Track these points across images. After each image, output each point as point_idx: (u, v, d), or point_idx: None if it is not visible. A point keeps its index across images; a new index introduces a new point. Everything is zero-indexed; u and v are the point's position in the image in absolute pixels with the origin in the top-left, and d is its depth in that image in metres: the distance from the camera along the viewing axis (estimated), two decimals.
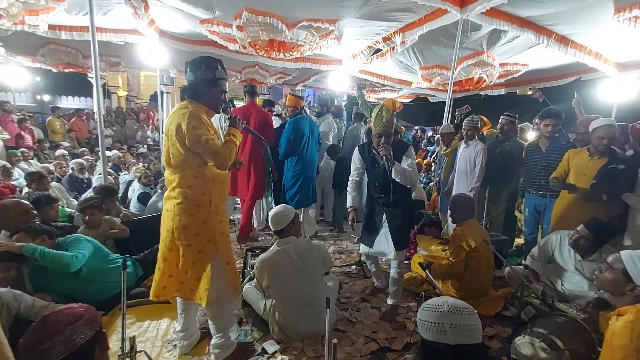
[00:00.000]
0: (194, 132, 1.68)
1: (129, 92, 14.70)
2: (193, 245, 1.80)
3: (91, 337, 1.07)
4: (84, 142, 8.03)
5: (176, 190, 1.79)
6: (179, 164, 1.76)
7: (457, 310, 0.95)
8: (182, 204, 1.77)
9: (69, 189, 4.35)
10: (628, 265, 1.47)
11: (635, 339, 1.33)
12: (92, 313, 1.14)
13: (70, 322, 1.06)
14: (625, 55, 4.06)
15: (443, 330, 0.92)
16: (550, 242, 2.67)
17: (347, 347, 2.18)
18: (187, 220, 1.77)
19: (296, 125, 3.79)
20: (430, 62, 5.08)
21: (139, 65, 6.58)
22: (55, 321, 1.06)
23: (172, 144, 1.74)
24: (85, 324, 1.08)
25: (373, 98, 9.51)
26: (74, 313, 1.10)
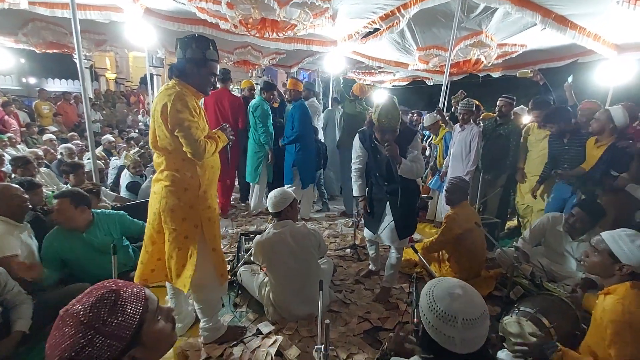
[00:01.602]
0: (177, 115, 1.61)
1: (117, 75, 14.28)
2: (179, 230, 1.76)
3: (137, 321, 0.77)
4: (72, 126, 7.84)
5: (164, 173, 1.74)
6: (165, 147, 1.70)
7: (470, 324, 0.88)
8: (170, 187, 1.72)
9: (58, 175, 4.27)
10: (612, 246, 1.48)
11: (627, 314, 1.37)
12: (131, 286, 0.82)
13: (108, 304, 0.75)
14: (623, 37, 4.00)
15: (453, 343, 0.90)
16: (542, 224, 2.73)
17: (340, 327, 2.23)
18: (174, 203, 1.73)
19: (305, 107, 3.99)
20: (428, 43, 4.97)
21: (126, 44, 6.34)
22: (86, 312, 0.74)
23: (158, 125, 1.67)
24: (127, 312, 0.77)
25: (369, 81, 9.37)
26: (110, 289, 0.78)
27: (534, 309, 1.83)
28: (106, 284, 0.80)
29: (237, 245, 3.02)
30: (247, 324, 2.23)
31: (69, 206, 2.18)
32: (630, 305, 1.38)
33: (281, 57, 7.01)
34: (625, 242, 1.46)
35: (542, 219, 2.79)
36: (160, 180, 1.76)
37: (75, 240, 2.24)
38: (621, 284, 1.46)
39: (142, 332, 0.78)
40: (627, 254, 1.44)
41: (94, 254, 2.26)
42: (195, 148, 1.65)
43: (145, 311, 0.79)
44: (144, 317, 0.79)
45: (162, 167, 1.76)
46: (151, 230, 1.85)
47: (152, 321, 0.81)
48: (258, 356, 1.94)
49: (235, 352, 1.98)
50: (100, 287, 0.79)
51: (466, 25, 4.09)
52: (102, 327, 0.72)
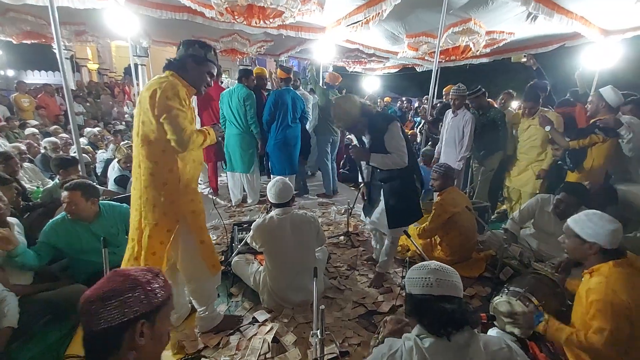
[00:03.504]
0: (166, 102, 1.57)
1: (100, 65, 13.80)
2: (160, 224, 1.73)
3: (165, 298, 0.91)
4: (55, 119, 7.59)
5: (142, 166, 1.68)
6: (147, 134, 1.63)
7: (442, 269, 1.06)
8: (149, 181, 1.67)
9: (43, 170, 4.16)
10: (576, 228, 1.57)
11: (610, 293, 1.42)
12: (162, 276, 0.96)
13: (148, 281, 0.89)
14: (611, 22, 4.05)
15: (429, 284, 1.02)
16: (531, 205, 2.81)
17: (336, 313, 2.26)
18: (154, 199, 1.69)
19: (278, 96, 3.93)
20: (417, 30, 4.94)
21: (107, 34, 6.10)
22: (134, 277, 0.88)
23: (145, 111, 1.61)
24: (163, 285, 0.92)
25: (359, 69, 9.29)
26: (149, 271, 0.93)
27: (523, 289, 1.88)
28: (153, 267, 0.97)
29: (230, 236, 3.01)
30: (242, 313, 2.25)
31: (80, 199, 2.17)
32: (615, 284, 1.43)
33: (270, 45, 6.87)
34: (584, 221, 1.55)
35: (531, 200, 2.87)
36: (138, 173, 1.71)
37: (82, 231, 2.24)
38: (604, 264, 1.51)
39: (160, 312, 0.89)
40: (588, 232, 1.53)
41: (99, 246, 2.22)
42: (180, 136, 1.60)
43: (170, 296, 0.93)
44: (167, 300, 0.92)
45: (140, 158, 1.69)
46: (132, 228, 1.79)
47: (167, 310, 0.93)
48: (255, 344, 1.95)
49: (232, 340, 1.99)
50: (152, 267, 0.96)
51: (454, 13, 4.08)
52: (145, 284, 0.87)
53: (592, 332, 1.43)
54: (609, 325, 1.39)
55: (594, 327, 1.43)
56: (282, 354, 1.89)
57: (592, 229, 1.53)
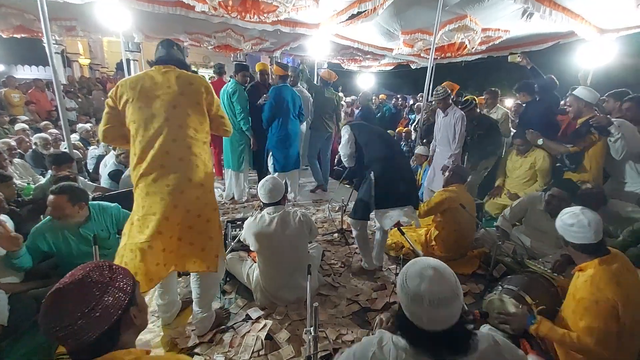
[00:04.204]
0: (216, 98, 1.81)
1: (92, 60, 13.59)
2: (212, 220, 1.79)
3: (132, 279, 0.92)
4: (47, 115, 7.46)
5: (198, 159, 1.73)
6: (196, 127, 1.73)
7: (437, 304, 0.89)
8: (203, 171, 1.74)
9: (34, 166, 4.09)
10: (556, 224, 1.62)
11: (595, 292, 1.43)
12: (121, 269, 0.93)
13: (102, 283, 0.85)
14: (606, 21, 4.07)
15: (420, 321, 0.92)
16: (523, 203, 2.83)
17: (329, 310, 2.26)
18: (199, 191, 1.73)
19: (278, 92, 3.88)
20: (412, 27, 4.92)
21: (99, 29, 6.01)
22: (79, 288, 0.82)
23: (197, 102, 1.73)
24: (121, 270, 0.91)
25: (355, 67, 9.27)
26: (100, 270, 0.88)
27: (517, 287, 1.89)
28: (93, 261, 0.92)
29: (223, 233, 2.99)
30: (236, 310, 2.24)
31: (66, 203, 2.07)
32: (599, 282, 1.44)
33: (264, 44, 6.82)
34: (560, 216, 1.60)
35: (523, 198, 2.89)
36: (183, 167, 1.68)
37: (70, 235, 2.16)
38: (590, 262, 1.52)
39: (135, 293, 0.92)
40: (557, 226, 1.60)
41: (89, 249, 2.14)
42: (230, 125, 1.95)
43: (133, 277, 0.94)
44: (134, 281, 0.93)
45: (196, 152, 1.71)
46: (166, 223, 1.66)
47: (139, 288, 0.96)
48: (248, 341, 1.95)
49: (225, 337, 1.98)
50: (89, 263, 0.90)
51: (450, 9, 4.07)
52: (111, 282, 0.86)
53: (582, 333, 1.44)
54: (596, 324, 1.40)
55: (583, 327, 1.44)
56: (276, 351, 1.89)
57: (557, 223, 1.59)
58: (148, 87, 1.66)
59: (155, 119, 1.64)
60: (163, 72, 1.72)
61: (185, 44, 7.20)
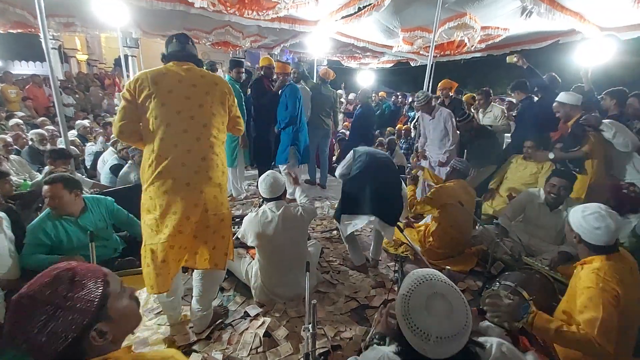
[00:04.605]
0: (234, 97, 1.83)
1: (89, 56, 13.48)
2: (225, 220, 1.80)
3: (102, 291, 0.79)
4: (45, 111, 7.41)
5: (218, 159, 1.74)
6: (217, 125, 1.74)
7: (444, 342, 0.81)
8: (221, 169, 1.76)
9: (30, 162, 4.06)
10: (570, 217, 1.64)
11: (601, 282, 1.44)
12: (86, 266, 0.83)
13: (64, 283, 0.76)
14: (606, 20, 4.07)
15: (424, 352, 0.84)
16: (521, 200, 2.85)
17: (328, 307, 2.26)
18: (216, 190, 1.74)
19: (296, 90, 4.02)
20: (412, 24, 4.90)
21: (96, 25, 5.95)
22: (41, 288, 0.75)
23: (221, 102, 1.74)
24: (89, 282, 0.78)
25: (354, 64, 9.23)
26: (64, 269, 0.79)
27: (515, 283, 1.90)
28: (59, 265, 0.80)
29: None
30: (234, 307, 2.23)
31: (62, 191, 2.08)
32: (605, 275, 1.46)
33: (264, 41, 6.78)
34: (577, 212, 1.60)
35: (521, 195, 2.90)
36: (204, 165, 1.68)
37: (69, 226, 2.17)
38: (597, 257, 1.53)
39: (108, 306, 0.79)
40: (574, 222, 1.59)
41: (87, 239, 2.20)
42: (243, 125, 1.99)
43: (107, 286, 0.81)
44: (107, 291, 0.80)
45: (213, 151, 1.71)
46: (183, 220, 1.64)
47: (117, 297, 0.83)
48: (246, 338, 1.95)
49: (224, 334, 1.98)
50: (53, 269, 0.79)
51: (450, 7, 4.06)
52: (62, 302, 0.74)
53: (585, 324, 1.41)
54: (600, 314, 1.39)
55: (585, 319, 1.43)
56: (274, 348, 1.89)
57: (579, 220, 1.57)
58: (172, 83, 1.63)
59: (179, 117, 1.62)
60: (185, 68, 1.69)
61: None
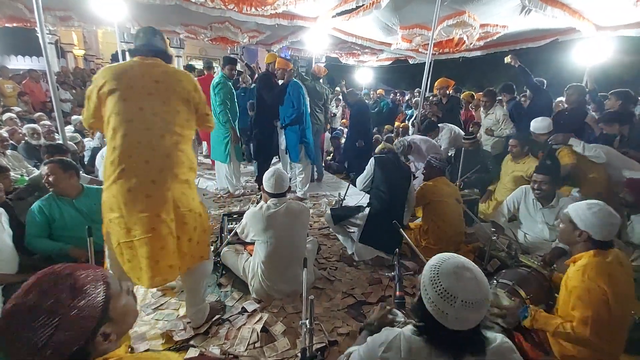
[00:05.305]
0: (203, 95, 1.79)
1: (86, 51, 13.39)
2: (203, 214, 1.81)
3: (105, 294, 0.78)
4: (41, 106, 7.35)
5: (184, 155, 1.71)
6: (182, 123, 1.70)
7: (468, 306, 0.87)
8: (186, 166, 1.72)
9: (26, 157, 4.03)
10: (572, 214, 1.60)
11: (587, 280, 1.45)
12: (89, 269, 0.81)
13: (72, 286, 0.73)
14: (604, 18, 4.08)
15: (445, 319, 0.89)
16: (516, 196, 2.87)
17: (325, 303, 2.28)
18: (184, 186, 1.72)
19: (300, 86, 4.04)
20: (411, 22, 4.90)
21: (93, 20, 5.90)
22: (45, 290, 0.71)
23: (185, 99, 1.70)
24: (91, 288, 0.75)
25: (353, 61, 9.21)
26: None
27: (512, 281, 1.91)
28: (55, 270, 0.76)
29: (219, 226, 2.99)
30: (232, 303, 2.24)
31: (58, 169, 2.22)
32: (590, 271, 1.47)
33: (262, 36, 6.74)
34: (583, 209, 1.57)
35: (516, 191, 2.93)
36: (169, 163, 1.63)
37: (65, 206, 2.26)
38: (585, 253, 1.55)
39: (110, 308, 0.78)
40: (583, 220, 1.55)
41: (82, 221, 2.27)
42: (213, 121, 1.95)
43: (108, 288, 0.79)
44: (109, 294, 0.79)
45: (179, 148, 1.67)
46: (163, 223, 1.61)
47: (117, 297, 0.82)
48: (244, 333, 1.96)
49: (221, 330, 1.99)
50: (50, 274, 0.75)
51: (449, 4, 4.06)
52: (68, 312, 0.70)
53: (577, 323, 1.45)
54: (589, 313, 1.42)
55: (577, 317, 1.46)
56: (271, 343, 1.90)
57: (587, 218, 1.53)
58: (134, 79, 1.59)
59: (141, 113, 1.58)
60: (148, 64, 1.65)
61: (182, 36, 7.11)
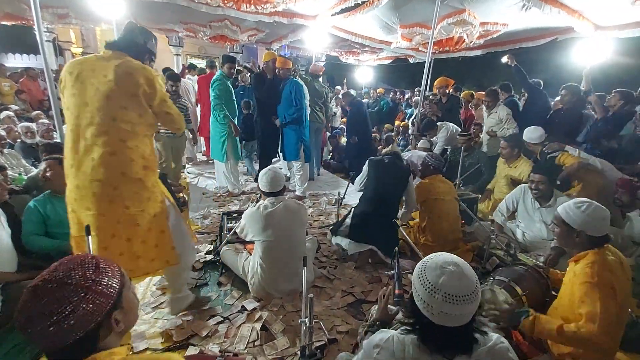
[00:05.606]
0: (162, 90, 1.68)
1: (84, 49, 13.30)
2: (159, 214, 1.71)
3: (120, 281, 0.84)
4: (38, 104, 7.32)
5: (134, 152, 1.63)
6: (130, 120, 1.60)
7: (451, 300, 0.88)
8: (128, 167, 1.62)
9: (23, 156, 4.02)
10: (564, 216, 1.59)
11: (596, 276, 1.45)
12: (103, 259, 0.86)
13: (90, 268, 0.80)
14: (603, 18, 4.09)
15: (430, 312, 0.91)
16: (515, 196, 2.88)
17: (324, 301, 2.28)
18: (136, 185, 1.63)
19: (301, 85, 4.06)
20: (411, 20, 4.89)
21: (92, 17, 5.87)
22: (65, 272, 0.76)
23: (133, 94, 1.58)
24: (110, 271, 0.83)
25: (352, 60, 9.19)
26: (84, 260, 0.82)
27: (508, 278, 1.92)
28: (79, 254, 0.85)
29: (219, 225, 2.99)
30: (231, 301, 2.24)
31: (56, 165, 2.21)
32: (599, 268, 1.47)
33: (261, 35, 6.72)
34: (572, 209, 1.57)
35: (515, 190, 2.94)
36: (114, 160, 1.58)
37: (60, 204, 2.21)
38: (590, 251, 1.55)
39: (123, 295, 0.84)
40: (575, 220, 1.55)
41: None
42: (180, 123, 1.81)
43: (123, 275, 0.86)
44: (124, 280, 0.86)
45: (115, 145, 1.58)
46: (106, 222, 1.61)
47: (128, 287, 0.88)
48: (243, 332, 1.96)
49: (220, 328, 1.99)
50: (76, 257, 0.82)
51: (448, 3, 4.06)
52: (92, 285, 0.77)
53: (584, 320, 1.42)
54: (598, 308, 1.40)
55: (584, 314, 1.44)
56: (271, 341, 1.90)
57: (579, 217, 1.54)
58: (85, 73, 1.57)
59: (87, 108, 1.55)
60: (103, 57, 1.62)
61: (181, 34, 7.07)
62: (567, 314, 1.55)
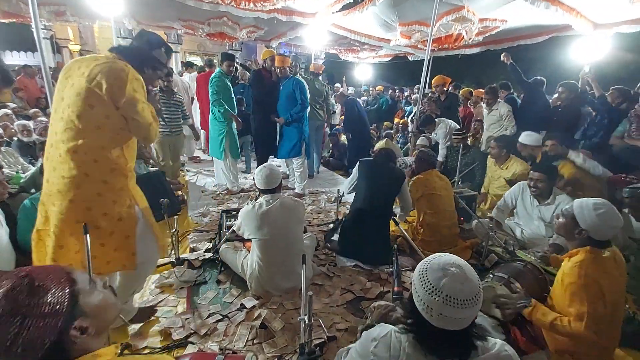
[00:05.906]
0: (134, 95, 1.58)
1: (82, 46, 13.23)
2: (125, 219, 1.66)
3: (70, 292, 0.76)
4: (35, 102, 7.27)
5: (84, 151, 1.56)
6: (95, 120, 1.55)
7: (452, 303, 0.85)
8: (93, 168, 1.57)
9: (21, 154, 3.99)
10: (577, 212, 1.58)
11: (583, 277, 1.46)
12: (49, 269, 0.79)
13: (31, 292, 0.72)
14: (601, 16, 4.09)
15: (429, 314, 0.89)
16: (514, 193, 2.89)
17: (324, 299, 2.28)
18: (100, 187, 1.60)
19: (303, 84, 4.06)
20: (410, 18, 4.88)
21: (89, 14, 5.83)
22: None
23: (98, 94, 1.53)
24: (53, 286, 0.74)
25: (352, 57, 9.17)
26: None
27: (507, 274, 1.93)
28: (13, 274, 0.75)
29: (218, 223, 2.98)
30: (230, 299, 2.24)
31: None
32: (587, 269, 1.47)
33: (260, 32, 6.69)
34: (588, 209, 1.54)
35: (514, 188, 2.95)
36: (77, 159, 1.54)
37: None
38: (582, 249, 1.55)
39: (80, 303, 0.77)
40: (586, 220, 1.53)
41: None
42: (147, 132, 1.68)
43: (73, 284, 0.78)
44: (75, 289, 0.77)
45: (79, 144, 1.53)
46: (59, 216, 1.57)
47: (88, 293, 0.81)
48: (242, 330, 1.95)
49: (220, 327, 1.99)
50: (7, 279, 0.74)
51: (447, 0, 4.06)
52: (28, 310, 0.70)
53: (573, 319, 1.46)
54: (585, 308, 1.43)
55: (572, 313, 1.47)
56: (270, 339, 1.90)
57: (591, 218, 1.51)
58: (72, 70, 1.59)
59: (62, 103, 1.56)
60: (98, 57, 1.61)
61: (179, 31, 7.04)
62: (560, 309, 1.58)
